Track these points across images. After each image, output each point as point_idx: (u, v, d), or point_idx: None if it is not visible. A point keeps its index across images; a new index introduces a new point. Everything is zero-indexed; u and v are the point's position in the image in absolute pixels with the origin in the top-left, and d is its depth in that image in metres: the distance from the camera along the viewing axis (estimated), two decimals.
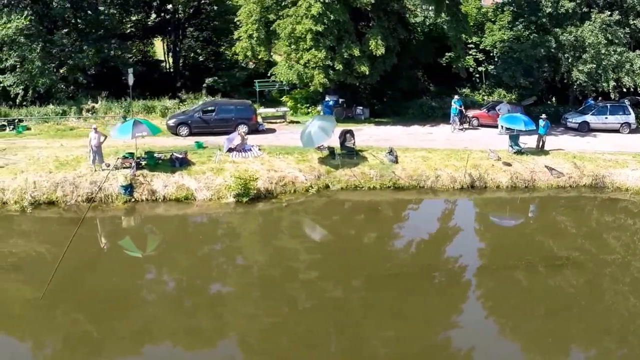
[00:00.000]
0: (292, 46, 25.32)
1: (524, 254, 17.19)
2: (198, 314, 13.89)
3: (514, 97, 31.56)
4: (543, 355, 12.60)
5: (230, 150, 22.28)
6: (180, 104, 27.41)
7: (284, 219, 20.16)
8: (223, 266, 16.94)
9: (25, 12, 26.12)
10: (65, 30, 27.80)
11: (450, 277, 16.14)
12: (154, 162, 21.38)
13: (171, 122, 24.39)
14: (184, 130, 24.34)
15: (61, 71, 27.29)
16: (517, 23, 30.52)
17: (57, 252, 16.35)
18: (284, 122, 26.64)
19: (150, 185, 20.71)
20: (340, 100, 27.26)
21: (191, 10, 33.79)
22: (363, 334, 13.17)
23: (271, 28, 25.58)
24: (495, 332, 13.70)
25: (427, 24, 31.55)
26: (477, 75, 33.17)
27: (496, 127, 26.51)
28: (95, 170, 21.13)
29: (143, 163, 21.28)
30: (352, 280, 15.56)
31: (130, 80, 25.85)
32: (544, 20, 27.54)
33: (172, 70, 35.00)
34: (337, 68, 24.65)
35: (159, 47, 38.30)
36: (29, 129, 26.48)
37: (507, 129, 25.33)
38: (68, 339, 13.04)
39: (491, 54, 32.27)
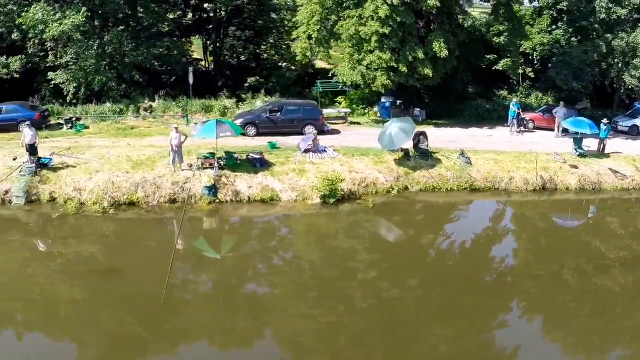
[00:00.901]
0: (355, 47, 25.37)
1: (582, 254, 17.65)
2: (265, 313, 13.91)
3: (550, 99, 32.18)
4: (589, 353, 12.99)
5: (306, 151, 22.20)
6: (239, 103, 27.12)
7: (372, 220, 20.13)
8: (304, 266, 16.80)
9: (84, 9, 25.45)
10: (122, 27, 27.18)
11: (503, 277, 16.48)
12: (232, 163, 21.20)
13: (238, 122, 24.09)
14: (251, 130, 24.15)
15: (119, 68, 26.67)
16: (556, 27, 31.25)
17: (159, 256, 16.31)
18: (345, 123, 26.62)
19: (234, 186, 20.53)
20: (398, 101, 27.40)
21: (230, 10, 33.49)
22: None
23: (334, 29, 25.59)
24: (541, 330, 13.93)
25: (476, 26, 31.92)
26: (515, 78, 33.71)
27: (551, 130, 27.05)
28: (175, 171, 20.87)
29: (222, 164, 21.11)
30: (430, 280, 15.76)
31: (191, 79, 25.52)
32: (596, 26, 28.21)
33: (212, 69, 34.60)
34: (401, 70, 24.80)
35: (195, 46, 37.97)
36: (87, 127, 25.97)
37: (565, 131, 25.84)
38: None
39: (530, 57, 32.93)
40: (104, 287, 14.93)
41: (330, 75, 26.98)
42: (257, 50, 34.14)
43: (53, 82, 27.06)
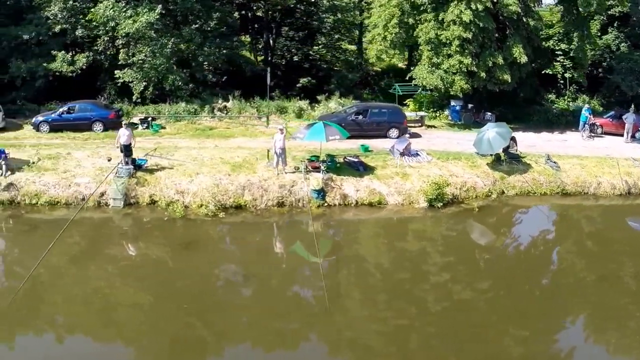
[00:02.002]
0: (433, 51, 25.40)
1: None
2: (344, 315, 13.83)
3: (595, 104, 32.81)
4: None
5: (401, 154, 22.08)
6: (312, 105, 26.76)
7: (479, 224, 20.06)
8: (397, 268, 16.57)
9: (159, 6, 24.68)
10: (195, 26, 26.48)
11: (576, 278, 16.52)
12: (334, 166, 20.93)
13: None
14: None
15: (192, 68, 25.96)
16: (607, 32, 31.86)
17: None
18: (421, 126, 26.58)
19: (342, 190, 20.30)
20: (470, 105, 27.52)
21: (282, 10, 33.07)
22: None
23: (414, 33, 25.56)
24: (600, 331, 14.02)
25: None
26: (562, 82, 34.28)
27: (619, 135, 27.52)
28: (279, 174, 20.52)
29: (325, 167, 20.81)
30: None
31: (268, 79, 25.07)
32: None
33: (263, 69, 33.90)
34: (480, 75, 24.95)
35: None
36: (164, 127, 25.29)
37: (633, 136, 26.37)
38: None
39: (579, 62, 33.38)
40: (260, 294, 14.67)
41: (407, 77, 26.90)
42: (310, 51, 33.81)
43: (120, 81, 26.25)
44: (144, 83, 25.90)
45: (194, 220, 18.84)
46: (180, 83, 26.06)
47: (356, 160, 21.42)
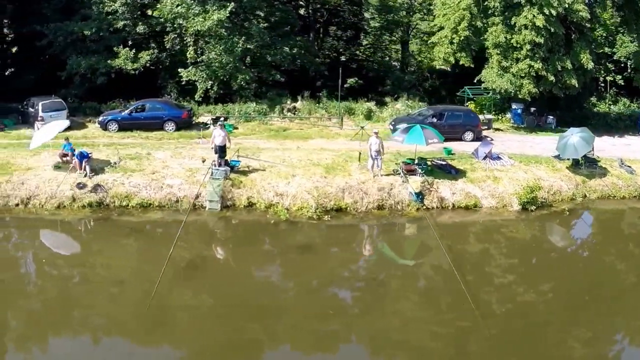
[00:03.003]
0: (502, 55, 25.59)
1: None
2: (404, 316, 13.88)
3: (636, 106, 33.57)
4: None
5: (485, 158, 22.18)
6: (380, 107, 26.63)
7: (573, 227, 20.46)
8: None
9: (231, 4, 24.20)
10: (264, 25, 26.05)
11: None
12: (427, 169, 20.90)
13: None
14: None
15: (259, 67, 25.57)
16: None
17: None
18: (488, 129, 26.70)
19: (439, 193, 20.31)
20: (532, 108, 27.81)
21: (330, 9, 32.85)
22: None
23: (483, 37, 25.74)
24: None
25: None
26: (603, 85, 34.95)
27: None
28: (374, 176, 20.40)
29: (422, 170, 20.77)
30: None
31: (340, 80, 24.87)
32: None
33: (311, 69, 33.81)
34: (549, 79, 25.26)
35: None
36: (236, 127, 24.82)
37: None
38: None
39: (622, 65, 34.17)
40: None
41: (475, 80, 27.03)
42: (357, 51, 33.66)
43: (185, 79, 25.70)
44: (210, 82, 25.43)
45: (298, 223, 18.67)
46: (248, 83, 25.65)
47: (444, 163, 21.50)
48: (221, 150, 19.91)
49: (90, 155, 20.65)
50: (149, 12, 26.36)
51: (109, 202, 19.50)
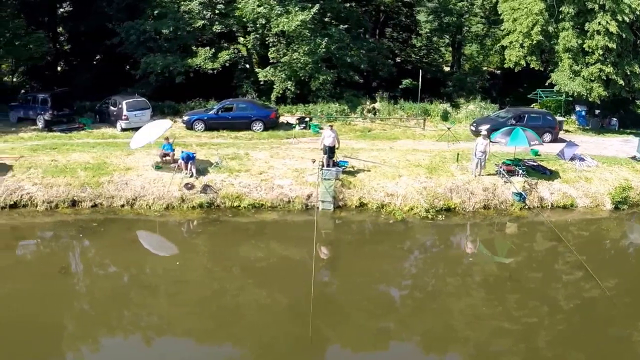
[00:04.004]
0: (573, 58, 26.44)
1: None
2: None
3: None
4: None
5: (571, 159, 22.95)
6: (453, 108, 27.21)
7: None
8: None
9: (317, 5, 24.46)
10: (345, 26, 26.33)
11: None
12: (526, 170, 21.55)
13: (483, 128, 24.23)
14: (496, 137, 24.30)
15: (338, 68, 25.85)
16: None
17: None
18: (559, 131, 27.42)
19: (538, 193, 21.00)
20: (597, 111, 28.74)
21: (387, 10, 33.22)
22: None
23: (557, 41, 26.52)
24: None
25: None
26: None
27: None
28: (476, 176, 20.99)
29: (522, 170, 21.39)
30: None
31: (420, 82, 25.35)
32: None
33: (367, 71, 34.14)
34: (619, 83, 26.21)
35: None
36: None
37: None
38: None
39: None
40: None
41: (547, 84, 27.81)
42: (411, 53, 34.21)
43: (263, 79, 25.87)
44: (290, 82, 25.69)
45: (413, 223, 19.19)
46: (327, 83, 26.00)
47: (536, 164, 22.22)
48: (330, 151, 20.28)
49: (194, 155, 20.85)
50: (224, 11, 26.36)
51: (219, 203, 19.79)
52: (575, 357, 12.92)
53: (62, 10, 33.88)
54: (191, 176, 20.45)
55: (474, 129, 25.23)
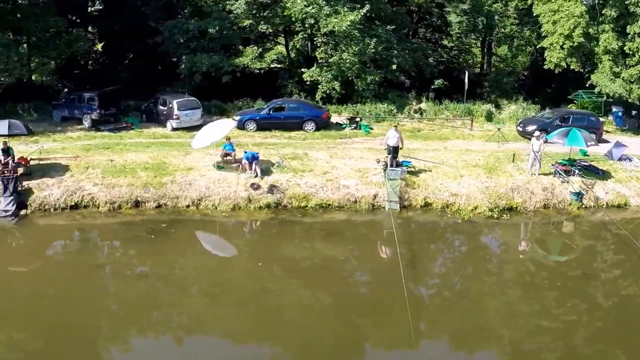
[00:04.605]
0: (613, 60, 27.04)
1: None
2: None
3: None
4: None
5: (620, 159, 23.49)
6: (496, 109, 27.62)
7: None
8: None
9: (367, 6, 24.66)
10: (393, 27, 26.55)
11: None
12: (582, 170, 22.08)
13: (532, 128, 24.71)
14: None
15: (384, 69, 26.07)
16: None
17: None
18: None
19: (593, 192, 21.46)
20: (633, 112, 29.33)
21: (421, 10, 33.46)
22: None
23: (598, 43, 27.09)
24: None
25: None
26: None
27: None
28: (533, 175, 21.43)
29: (579, 170, 21.93)
30: None
31: (466, 82, 25.70)
32: None
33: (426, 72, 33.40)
34: None
35: None
36: (372, 128, 25.31)
37: None
38: None
39: None
40: None
41: (587, 85, 28.36)
42: (443, 53, 34.54)
43: (310, 79, 26.01)
44: (336, 82, 25.87)
45: (480, 222, 19.52)
46: (375, 84, 26.21)
47: (587, 164, 22.72)
48: (394, 151, 20.56)
49: (259, 155, 20.94)
50: (270, 10, 26.40)
51: (286, 203, 19.95)
52: None
53: (91, 9, 33.77)
54: (256, 176, 20.59)
55: (520, 129, 25.75)
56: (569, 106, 30.47)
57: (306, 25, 25.86)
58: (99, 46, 30.18)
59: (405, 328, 12.97)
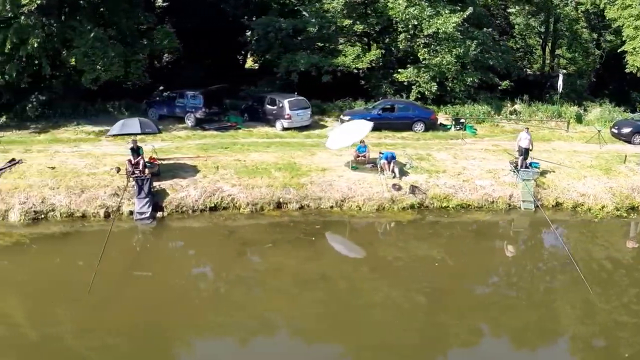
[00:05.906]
0: None
1: None
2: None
3: None
4: None
5: None
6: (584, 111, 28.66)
7: None
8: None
9: (470, 8, 25.19)
10: (489, 29, 27.07)
11: None
12: None
13: (626, 131, 25.87)
14: (638, 138, 25.87)
15: (483, 66, 26.66)
16: None
17: None
18: None
19: None
20: None
21: None
22: None
23: None
24: None
25: None
26: None
27: None
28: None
29: None
30: None
31: (560, 86, 26.65)
32: None
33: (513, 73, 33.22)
34: None
35: None
36: (476, 129, 25.89)
37: None
38: None
39: None
40: None
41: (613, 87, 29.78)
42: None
43: (406, 80, 26.36)
44: (434, 83, 26.37)
45: (613, 221, 20.21)
46: (473, 85, 26.85)
47: None
48: (525, 153, 21.29)
49: (396, 156, 21.24)
50: (369, 10, 26.60)
51: (427, 204, 20.42)
52: None
53: (158, 4, 32.89)
54: (394, 177, 20.95)
55: (615, 131, 26.63)
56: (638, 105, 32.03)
57: (409, 26, 26.24)
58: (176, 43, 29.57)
59: None
